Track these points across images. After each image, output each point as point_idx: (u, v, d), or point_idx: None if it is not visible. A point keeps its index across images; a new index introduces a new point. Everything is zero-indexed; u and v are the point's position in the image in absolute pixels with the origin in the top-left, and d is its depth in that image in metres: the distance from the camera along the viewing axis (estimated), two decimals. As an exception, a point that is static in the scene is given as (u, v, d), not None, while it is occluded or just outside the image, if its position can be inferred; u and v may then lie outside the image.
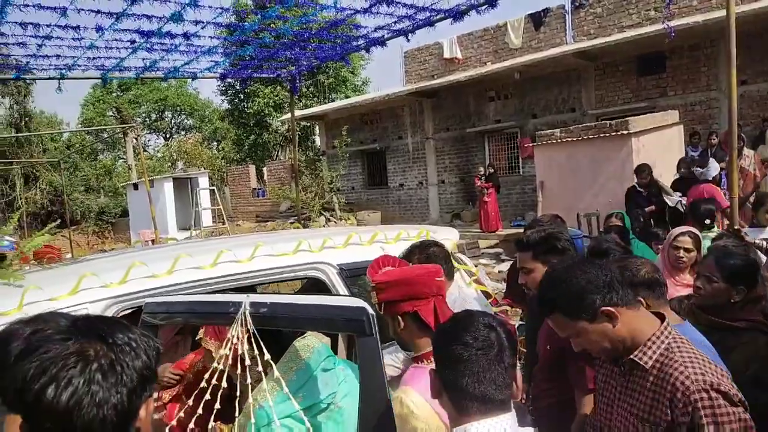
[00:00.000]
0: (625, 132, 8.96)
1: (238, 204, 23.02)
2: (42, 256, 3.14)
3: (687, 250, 3.19)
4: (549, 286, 1.63)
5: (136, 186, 20.66)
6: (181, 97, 35.42)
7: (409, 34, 6.14)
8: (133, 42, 5.68)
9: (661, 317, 1.62)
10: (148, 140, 36.73)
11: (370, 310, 1.70)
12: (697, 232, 3.41)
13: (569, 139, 9.84)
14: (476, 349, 1.30)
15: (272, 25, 6.36)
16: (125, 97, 33.35)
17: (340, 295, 2.76)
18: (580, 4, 13.48)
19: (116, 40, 5.64)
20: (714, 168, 6.49)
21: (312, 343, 2.06)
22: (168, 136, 37.15)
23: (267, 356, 1.94)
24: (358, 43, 6.82)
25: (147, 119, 35.47)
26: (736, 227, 3.80)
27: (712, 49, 11.22)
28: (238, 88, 25.73)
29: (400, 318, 1.86)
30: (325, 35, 6.57)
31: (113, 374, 0.91)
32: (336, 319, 1.75)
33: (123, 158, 30.42)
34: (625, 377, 1.61)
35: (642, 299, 1.90)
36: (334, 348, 3.00)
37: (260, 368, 1.94)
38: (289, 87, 8.55)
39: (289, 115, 12.55)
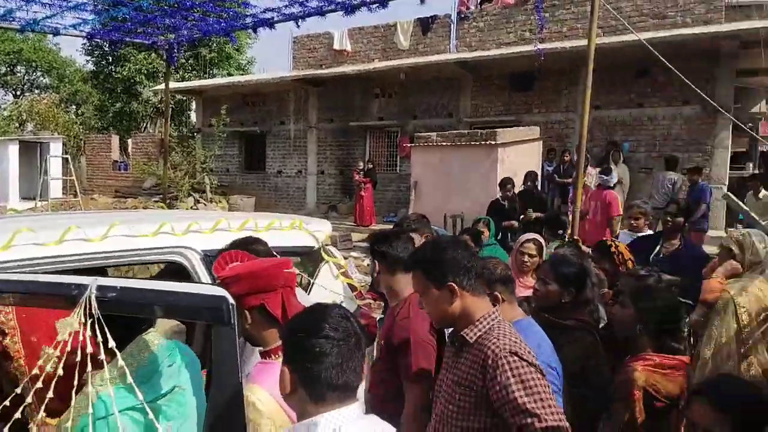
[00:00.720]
0: (492, 142, 9.60)
1: (95, 176, 21.10)
2: None
3: (531, 255, 3.64)
4: (428, 248, 1.94)
5: (-27, 145, 18.10)
6: (39, 52, 31.49)
7: (299, 21, 6.05)
8: (-20, -18, 4.97)
9: (492, 305, 1.91)
10: (-6, 95, 32.37)
11: (230, 299, 1.66)
12: (541, 240, 3.82)
13: (444, 144, 10.33)
14: (338, 340, 1.32)
15: (151, -13, 5.90)
16: (-31, 44, 29.02)
17: (198, 282, 2.66)
18: (464, 17, 14.16)
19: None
20: (614, 177, 7.34)
21: (155, 339, 1.91)
22: (19, 93, 32.95)
23: (112, 344, 1.82)
24: (246, 21, 6.57)
25: (-6, 71, 31.20)
26: (575, 237, 4.24)
27: (574, 75, 12.37)
28: (106, 49, 23.50)
29: (247, 313, 1.83)
30: (211, 8, 6.25)
31: None
32: (193, 307, 1.69)
33: (-41, 112, 26.50)
34: (457, 354, 1.85)
35: (498, 293, 2.23)
36: (191, 336, 2.89)
37: (102, 356, 1.81)
38: (165, 56, 8.00)
39: (161, 86, 11.73)
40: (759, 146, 13.57)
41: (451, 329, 1.95)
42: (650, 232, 4.71)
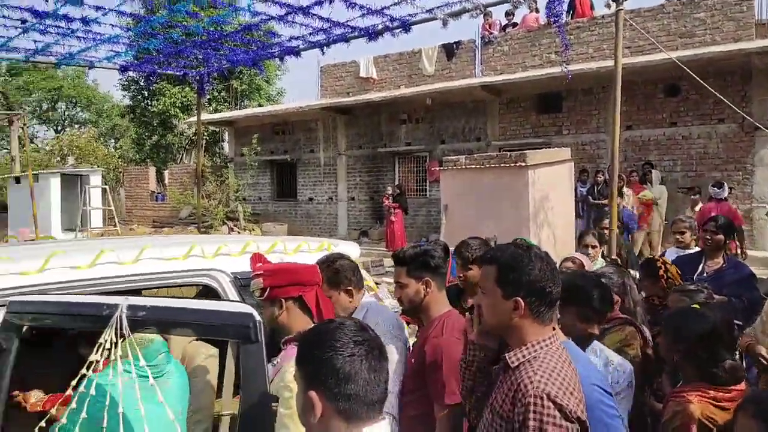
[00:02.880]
0: (522, 164, 9.50)
1: (134, 207, 21.68)
2: None
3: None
4: (516, 251, 1.70)
5: (18, 180, 18.81)
6: (78, 88, 32.97)
7: (324, 48, 6.17)
8: (24, 21, 5.22)
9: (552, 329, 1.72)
10: (37, 131, 33.83)
11: (257, 317, 1.65)
12: (583, 261, 3.75)
13: (473, 167, 10.27)
14: (365, 355, 1.28)
15: (183, 21, 6.09)
16: (14, 83, 30.52)
17: (229, 299, 2.66)
18: (488, 41, 14.24)
19: (4, 17, 5.15)
20: (725, 190, 7.26)
21: (150, 336, 2.09)
22: (60, 128, 34.40)
23: (143, 362, 1.82)
24: (273, 50, 6.73)
25: (38, 109, 32.67)
26: (613, 257, 4.14)
27: (603, 95, 12.25)
28: (142, 84, 24.43)
29: (284, 302, 2.03)
30: (239, 39, 6.43)
31: None
32: (220, 325, 1.68)
33: (6, 149, 27.74)
34: (501, 374, 1.71)
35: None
36: (223, 354, 2.88)
37: (133, 374, 1.82)
38: (196, 87, 8.25)
39: (195, 118, 12.06)
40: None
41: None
42: (698, 248, 4.53)
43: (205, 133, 18.95)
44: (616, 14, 4.77)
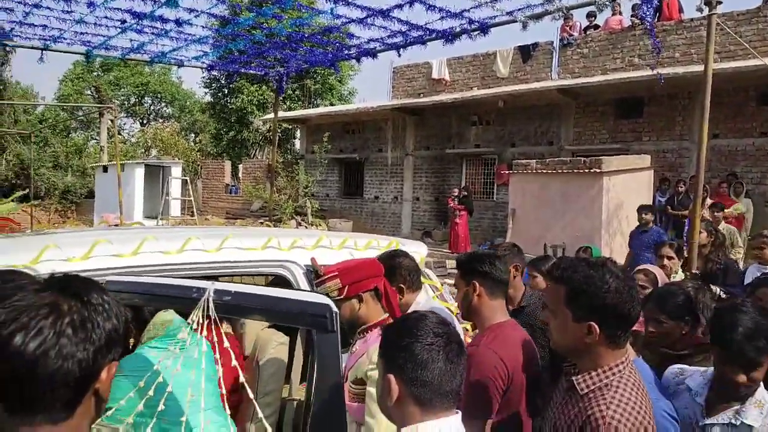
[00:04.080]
0: (597, 170, 9.20)
1: (210, 199, 22.70)
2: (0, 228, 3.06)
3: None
4: (591, 271, 1.58)
5: (105, 168, 20.17)
6: (163, 84, 34.94)
7: (401, 50, 6.22)
8: (123, 22, 5.62)
9: (625, 352, 1.62)
10: (124, 124, 36.05)
11: (334, 308, 1.72)
12: (657, 274, 3.59)
13: (544, 171, 10.05)
14: (444, 346, 1.33)
15: (266, 23, 6.35)
16: (106, 78, 32.72)
17: (303, 290, 2.76)
18: (567, 43, 13.86)
19: (106, 17, 5.56)
20: None
21: (169, 317, 2.30)
22: (145, 122, 36.53)
23: (226, 344, 1.94)
24: (350, 52, 6.87)
25: (126, 102, 34.84)
26: (694, 270, 3.96)
27: (688, 101, 11.64)
28: (223, 82, 25.52)
29: (363, 295, 2.15)
30: (318, 40, 6.61)
31: (83, 331, 0.92)
32: (299, 314, 1.76)
33: (96, 139, 29.77)
34: (566, 395, 1.64)
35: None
36: (293, 344, 3.00)
37: (217, 355, 1.94)
38: (275, 87, 8.55)
39: (270, 115, 12.50)
40: None
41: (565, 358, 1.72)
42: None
43: (279, 130, 19.56)
44: (709, 18, 4.53)
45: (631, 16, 12.98)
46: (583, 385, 1.56)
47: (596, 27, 13.89)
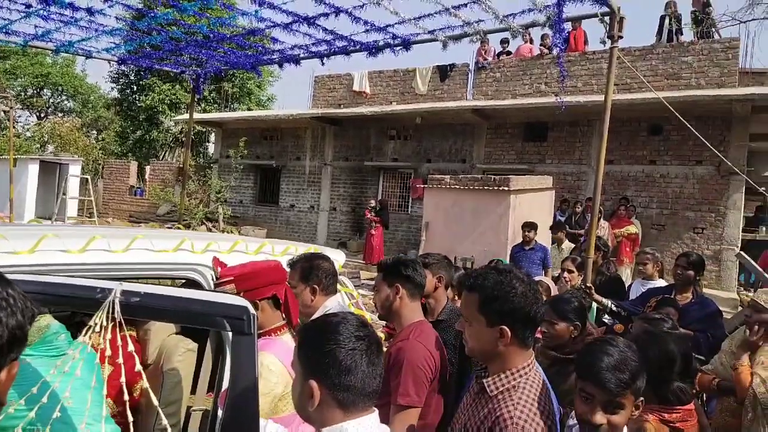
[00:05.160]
0: (506, 188, 9.67)
1: (111, 200, 21.39)
2: None
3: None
4: (498, 277, 1.66)
5: (-6, 162, 18.48)
6: (66, 77, 32.52)
7: (325, 59, 6.25)
8: (28, 6, 5.20)
9: (531, 354, 1.72)
10: (19, 116, 33.15)
11: (252, 310, 1.69)
12: (550, 285, 3.90)
13: (457, 187, 10.42)
14: (366, 349, 1.34)
15: (185, 19, 6.13)
16: (1, 66, 30.00)
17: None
18: (482, 66, 14.53)
19: (9, 0, 5.13)
20: None
21: (45, 322, 2.16)
22: (43, 115, 33.84)
23: (131, 348, 1.85)
24: (273, 56, 6.79)
25: (22, 93, 32.09)
26: (588, 284, 4.26)
27: (587, 128, 12.57)
28: (132, 78, 24.25)
29: (259, 303, 2.13)
30: (240, 41, 6.48)
31: None
32: (215, 316, 1.72)
33: (-16, 130, 27.15)
34: (476, 397, 1.72)
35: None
36: (201, 351, 2.90)
37: (120, 360, 1.85)
38: (192, 86, 8.25)
39: (185, 116, 12.03)
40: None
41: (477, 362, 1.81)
42: (662, 281, 4.69)
43: (192, 133, 18.83)
44: (611, 51, 4.95)
45: (540, 44, 13.85)
46: (493, 387, 1.64)
47: (509, 53, 14.68)
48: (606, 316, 4.32)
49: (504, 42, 14.72)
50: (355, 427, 1.31)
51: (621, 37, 4.96)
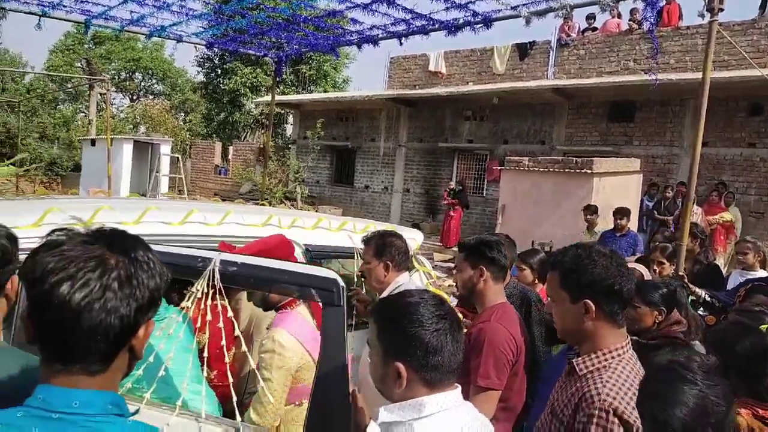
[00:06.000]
0: (588, 171, 9.29)
1: (198, 179, 22.54)
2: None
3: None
4: (577, 252, 1.66)
5: (93, 142, 19.88)
6: (155, 61, 34.41)
7: (403, 39, 6.22)
8: (125, -9, 5.54)
9: (625, 336, 1.66)
10: (113, 99, 35.47)
11: (341, 282, 1.75)
12: (642, 272, 3.71)
13: (536, 169, 10.13)
14: (449, 328, 1.34)
15: (269, 2, 6.30)
16: (97, 51, 32.15)
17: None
18: (565, 43, 13.93)
19: (107, -13, 5.48)
20: None
21: None
22: (135, 98, 36.03)
23: (230, 313, 1.96)
24: (352, 38, 6.85)
25: (116, 77, 34.28)
26: (680, 273, 4.04)
27: (680, 108, 11.79)
28: (216, 62, 25.25)
29: None
30: (319, 23, 6.57)
31: (128, 287, 0.92)
32: (307, 286, 1.79)
33: (84, 112, 29.32)
34: (566, 378, 1.70)
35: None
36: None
37: (221, 325, 1.96)
38: (273, 69, 8.49)
39: (265, 98, 12.41)
40: None
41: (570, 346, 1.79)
42: (764, 272, 4.36)
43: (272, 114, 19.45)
44: (710, 25, 4.59)
45: (630, 20, 13.07)
46: (582, 366, 1.61)
47: (594, 29, 13.98)
48: (701, 308, 4.07)
49: (590, 18, 14.01)
50: (437, 400, 1.31)
51: (722, 10, 4.60)
